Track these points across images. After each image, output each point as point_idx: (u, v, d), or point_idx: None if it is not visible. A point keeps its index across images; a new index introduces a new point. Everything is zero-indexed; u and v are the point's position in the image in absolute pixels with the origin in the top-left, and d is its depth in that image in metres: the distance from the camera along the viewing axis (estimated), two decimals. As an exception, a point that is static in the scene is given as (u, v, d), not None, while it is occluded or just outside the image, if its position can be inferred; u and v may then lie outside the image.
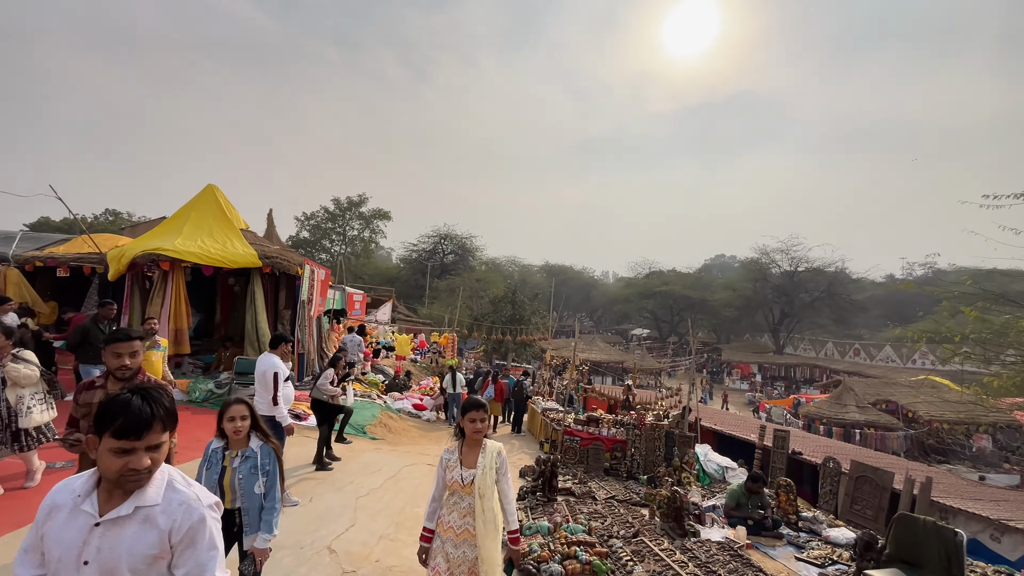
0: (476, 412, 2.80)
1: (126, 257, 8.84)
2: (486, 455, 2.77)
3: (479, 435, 2.79)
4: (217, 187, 10.57)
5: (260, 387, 4.91)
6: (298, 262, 10.59)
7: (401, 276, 46.67)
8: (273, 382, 4.92)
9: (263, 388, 4.90)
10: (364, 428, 8.84)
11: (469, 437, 2.81)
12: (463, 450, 2.81)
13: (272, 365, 4.95)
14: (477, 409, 2.80)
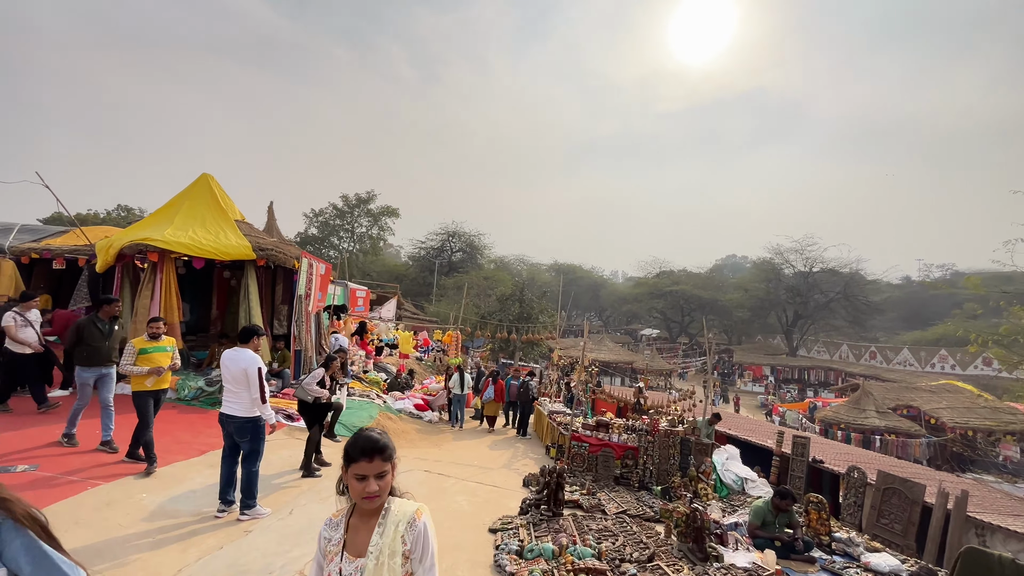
0: (367, 462, 1.67)
1: (114, 248, 8.46)
2: (385, 532, 1.67)
3: (371, 502, 1.68)
4: (212, 176, 10.16)
5: (238, 386, 4.44)
6: (295, 255, 10.16)
7: (409, 273, 46.37)
8: (259, 379, 4.46)
9: (243, 387, 4.44)
10: (359, 429, 8.37)
11: (359, 505, 1.74)
12: (351, 523, 1.76)
13: (254, 360, 4.49)
14: (369, 457, 1.67)
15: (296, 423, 7.87)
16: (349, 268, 40.32)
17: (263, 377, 4.52)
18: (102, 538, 3.72)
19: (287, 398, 8.94)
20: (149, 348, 5.18)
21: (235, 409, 4.44)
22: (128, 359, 5.06)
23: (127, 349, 5.15)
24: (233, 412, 4.44)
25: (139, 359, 5.08)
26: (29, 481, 4.60)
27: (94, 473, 4.95)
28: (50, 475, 4.78)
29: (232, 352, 4.56)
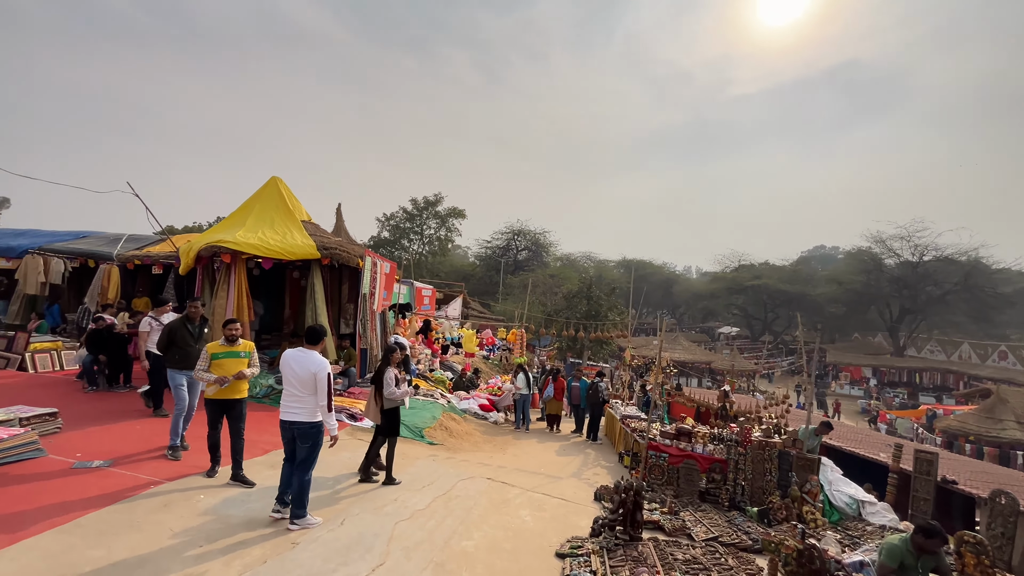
0: None
1: (193, 251, 8.84)
2: None
3: None
4: (280, 179, 10.42)
5: (304, 389, 4.16)
6: (359, 253, 10.15)
7: (476, 273, 46.81)
8: (328, 385, 4.18)
9: (310, 391, 4.16)
10: (422, 431, 8.10)
11: None
12: None
13: (324, 365, 4.20)
14: None
15: (359, 423, 7.73)
16: (418, 269, 41.37)
17: (332, 383, 4.23)
18: (152, 546, 3.58)
19: (352, 396, 8.89)
20: (221, 354, 4.88)
21: (299, 414, 4.17)
22: (202, 364, 4.87)
23: (202, 354, 4.96)
24: (297, 418, 4.16)
25: (211, 365, 4.84)
26: (100, 477, 4.66)
27: (161, 470, 4.96)
28: (120, 472, 4.83)
29: (298, 353, 4.26)
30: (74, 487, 4.38)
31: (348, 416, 7.84)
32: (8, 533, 3.50)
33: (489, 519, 5.02)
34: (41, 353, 10.17)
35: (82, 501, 4.13)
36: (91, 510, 3.98)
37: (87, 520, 3.81)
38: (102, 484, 4.51)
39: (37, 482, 4.41)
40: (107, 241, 14.51)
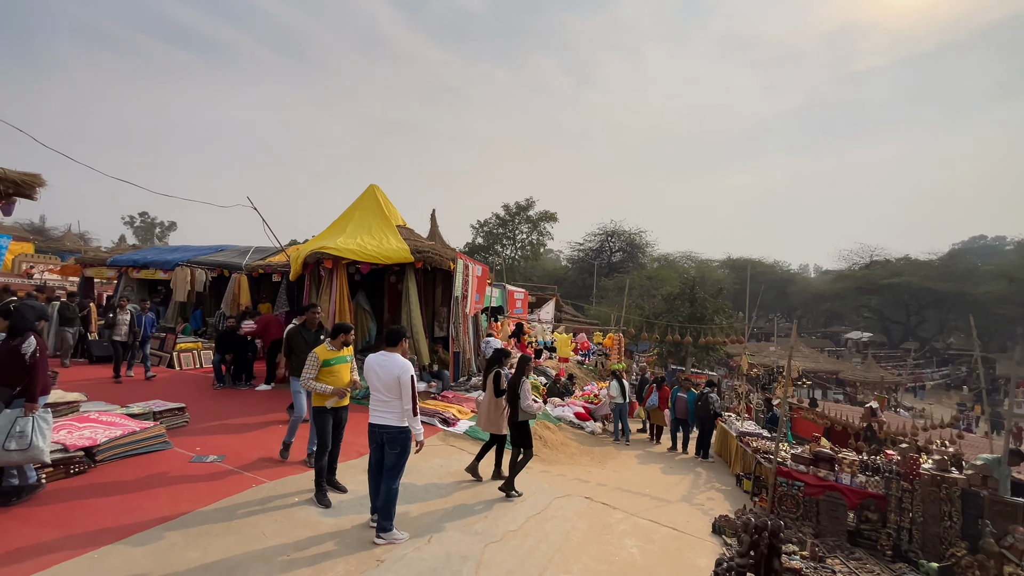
0: None
1: (300, 258, 9.38)
2: None
3: None
4: (378, 187, 10.77)
5: (390, 393, 3.95)
6: (451, 256, 10.12)
7: (569, 276, 46.16)
8: (411, 387, 3.94)
9: (395, 395, 3.94)
10: (515, 440, 7.70)
11: None
12: None
13: (406, 367, 3.96)
14: None
15: (452, 428, 7.55)
16: (511, 274, 41.79)
17: (415, 385, 3.98)
18: (244, 549, 3.54)
19: (445, 400, 8.80)
20: (333, 360, 4.49)
21: (387, 418, 3.96)
22: (310, 371, 4.39)
23: (310, 360, 4.43)
24: (386, 422, 3.95)
25: (322, 373, 4.42)
26: (210, 472, 4.86)
27: (265, 469, 5.08)
28: (229, 468, 5.02)
29: (380, 357, 4.06)
30: (187, 481, 4.59)
31: (441, 421, 7.70)
32: (123, 525, 3.66)
33: (589, 548, 4.43)
34: (185, 352, 11.51)
35: (191, 496, 4.28)
36: (197, 506, 4.10)
37: (192, 517, 3.91)
38: (212, 479, 4.69)
39: (158, 474, 4.69)
40: (238, 253, 16.24)
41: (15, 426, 3.75)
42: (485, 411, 5.95)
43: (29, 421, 3.82)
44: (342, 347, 4.65)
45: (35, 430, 3.83)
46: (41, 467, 4.27)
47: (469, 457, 6.49)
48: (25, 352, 3.88)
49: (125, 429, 5.11)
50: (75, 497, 4.07)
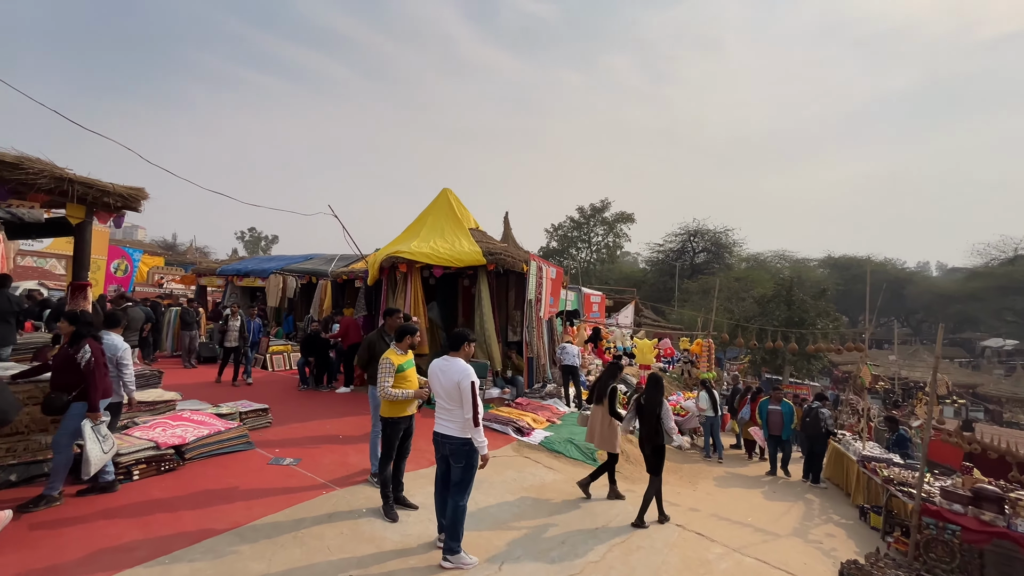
0: None
1: (376, 263, 9.52)
2: None
3: None
4: (450, 190, 10.72)
5: (452, 402, 3.64)
6: (523, 258, 9.78)
7: (648, 279, 44.17)
8: (472, 395, 3.58)
9: (457, 404, 3.62)
10: (594, 452, 7.13)
11: None
12: None
13: (466, 372, 3.62)
14: None
15: (526, 438, 7.14)
16: (586, 277, 40.81)
17: (476, 392, 3.63)
18: (306, 561, 3.38)
19: (520, 408, 8.43)
20: (406, 364, 4.17)
21: (451, 428, 3.65)
22: (386, 378, 4.00)
23: (383, 365, 4.05)
24: (449, 431, 3.64)
25: (396, 379, 4.08)
26: (286, 476, 4.85)
27: (336, 474, 4.99)
28: (303, 472, 4.99)
29: (443, 362, 3.77)
30: (263, 484, 4.59)
31: (515, 430, 7.32)
32: (198, 530, 3.66)
33: (685, 589, 3.78)
34: (276, 355, 12.23)
35: (264, 501, 4.25)
36: (268, 512, 4.04)
37: (261, 524, 3.84)
38: (286, 484, 4.66)
39: (238, 475, 4.75)
40: (325, 261, 17.17)
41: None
42: (597, 428, 5.78)
43: (87, 428, 3.83)
44: (408, 350, 4.42)
45: (96, 439, 3.86)
46: (135, 463, 4.47)
47: (544, 471, 6.05)
48: (80, 360, 3.90)
49: (212, 429, 5.29)
50: (161, 495, 4.19)
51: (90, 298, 5.85)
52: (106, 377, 4.14)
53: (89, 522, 3.64)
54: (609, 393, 5.72)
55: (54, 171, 5.17)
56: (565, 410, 8.92)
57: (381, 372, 4.13)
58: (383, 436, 4.29)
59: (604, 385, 5.82)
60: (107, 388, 4.14)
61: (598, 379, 6.10)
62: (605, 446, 5.77)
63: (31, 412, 4.19)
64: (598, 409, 5.86)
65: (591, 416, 5.98)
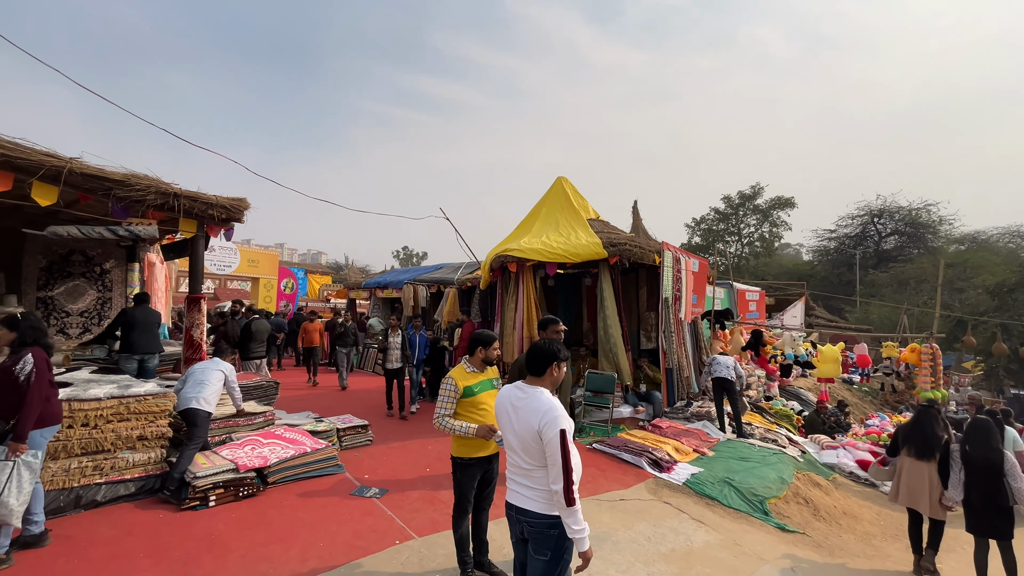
0: None
1: (486, 264, 8.73)
2: None
3: None
4: (566, 179, 9.51)
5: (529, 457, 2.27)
6: (654, 248, 8.11)
7: (816, 272, 37.33)
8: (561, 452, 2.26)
9: (537, 459, 2.25)
10: (764, 502, 5.20)
11: None
12: None
13: (553, 415, 2.13)
14: None
15: (666, 474, 5.51)
16: (737, 274, 35.89)
17: (568, 447, 2.22)
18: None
19: (658, 431, 6.79)
20: (476, 386, 3.13)
21: (528, 498, 2.28)
22: (446, 405, 3.06)
23: (446, 387, 3.10)
24: (525, 504, 2.29)
25: (461, 405, 3.08)
26: (362, 513, 4.09)
27: (420, 516, 4.11)
28: (382, 508, 4.20)
29: (515, 393, 2.40)
30: (333, 523, 3.88)
31: (650, 462, 5.75)
32: None
33: None
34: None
35: (327, 547, 3.50)
36: (325, 566, 3.26)
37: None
38: (358, 524, 3.89)
39: (310, 508, 4.13)
40: (452, 269, 17.30)
41: None
42: (926, 490, 4.45)
43: (7, 466, 2.96)
44: (484, 367, 3.29)
45: (10, 479, 2.93)
46: (212, 487, 4.10)
47: (693, 527, 4.41)
48: (19, 373, 3.12)
49: (299, 450, 4.83)
50: (222, 528, 3.70)
51: (204, 310, 5.97)
52: (49, 400, 3.28)
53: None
54: (944, 447, 4.48)
55: (160, 186, 5.25)
56: (719, 436, 7.00)
57: (440, 395, 3.10)
58: (454, 482, 3.21)
59: (934, 436, 4.55)
60: (49, 412, 3.29)
61: (919, 424, 4.73)
62: (936, 514, 4.45)
63: (116, 429, 4.05)
64: (924, 466, 4.51)
65: (909, 473, 4.61)
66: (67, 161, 4.62)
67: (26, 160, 4.38)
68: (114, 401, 4.03)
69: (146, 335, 5.92)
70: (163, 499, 4.08)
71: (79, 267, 7.31)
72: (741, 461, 6.08)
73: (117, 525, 3.67)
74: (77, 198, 5.03)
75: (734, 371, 7.20)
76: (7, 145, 4.29)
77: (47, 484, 3.67)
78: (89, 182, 4.81)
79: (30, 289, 6.93)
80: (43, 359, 3.21)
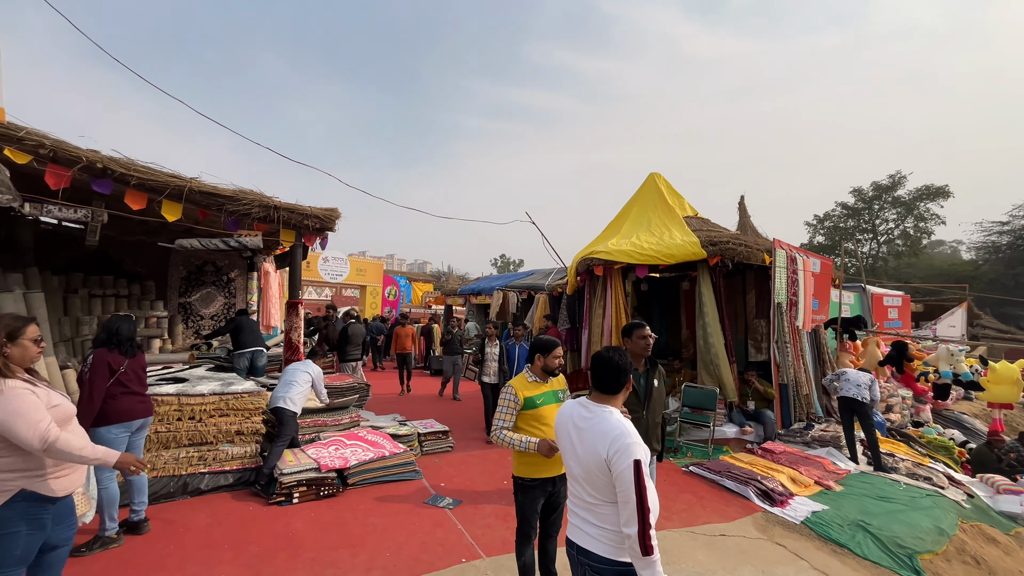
0: None
1: (571, 269, 8.36)
2: None
3: None
4: (659, 174, 8.82)
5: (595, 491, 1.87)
6: (764, 247, 7.14)
7: (981, 274, 31.09)
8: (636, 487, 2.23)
9: (603, 495, 1.87)
10: (914, 556, 4.16)
11: None
12: None
13: (625, 442, 1.79)
14: None
15: (779, 509, 4.69)
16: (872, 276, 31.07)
17: (644, 482, 1.79)
18: None
19: (770, 456, 5.88)
20: (538, 397, 2.84)
21: (591, 536, 1.91)
22: (505, 418, 2.80)
23: (506, 397, 2.85)
24: (588, 544, 1.92)
25: (521, 418, 2.80)
26: (431, 524, 3.96)
27: (491, 532, 3.88)
28: (452, 520, 4.04)
29: (579, 411, 2.04)
30: (402, 532, 3.79)
31: (759, 494, 4.95)
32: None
33: None
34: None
35: (392, 557, 3.40)
36: (386, 580, 3.15)
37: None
38: (427, 536, 3.75)
39: (384, 514, 4.10)
40: (543, 275, 17.11)
41: None
42: None
43: None
44: (547, 376, 2.96)
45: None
46: (296, 485, 4.26)
47: (812, 582, 3.63)
48: (84, 372, 3.37)
49: (378, 453, 4.88)
50: (300, 527, 3.78)
51: (301, 314, 6.38)
52: (114, 397, 3.38)
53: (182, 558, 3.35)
54: None
55: (262, 199, 5.70)
56: (849, 468, 5.87)
57: (499, 405, 2.85)
58: (516, 505, 2.92)
59: None
60: (114, 409, 3.38)
61: None
62: None
63: (217, 423, 4.38)
64: None
65: None
66: (188, 181, 5.19)
67: (155, 181, 4.98)
68: (215, 397, 4.37)
69: (252, 335, 6.54)
70: (255, 492, 4.33)
71: (210, 276, 8.31)
72: (880, 501, 5.00)
73: (213, 514, 3.93)
74: (198, 214, 5.64)
75: (868, 391, 6.00)
76: (140, 169, 4.92)
77: (160, 471, 4.06)
78: (206, 199, 5.36)
79: (173, 296, 8.01)
80: (103, 360, 3.39)
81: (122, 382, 3.45)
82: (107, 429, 3.36)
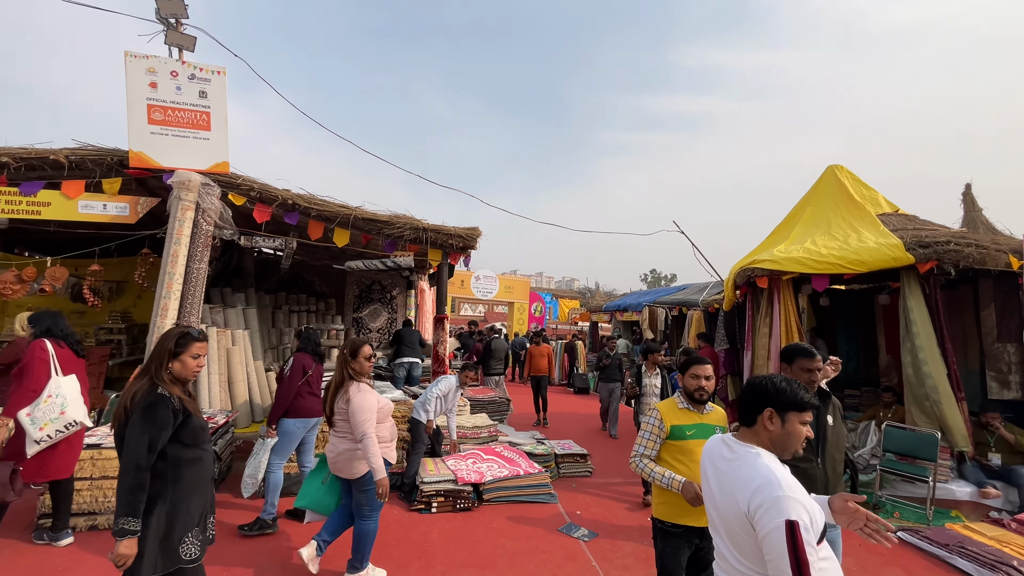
0: None
1: (730, 280, 7.37)
2: None
3: None
4: (841, 167, 7.32)
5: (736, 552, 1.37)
6: (1006, 247, 5.35)
7: None
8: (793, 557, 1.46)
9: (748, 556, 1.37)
10: None
11: None
12: None
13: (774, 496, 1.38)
14: None
15: None
16: None
17: (805, 553, 1.25)
18: None
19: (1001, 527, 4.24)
20: (688, 428, 2.45)
21: None
22: (647, 442, 2.47)
23: (650, 421, 2.50)
24: None
25: (667, 449, 2.45)
26: (562, 556, 3.68)
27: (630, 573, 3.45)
28: (586, 555, 3.70)
29: (720, 450, 1.61)
30: (531, 561, 3.58)
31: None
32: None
33: None
34: (641, 391, 11.51)
35: (517, 590, 3.21)
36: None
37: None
38: (556, 571, 3.49)
39: (515, 537, 3.95)
40: (697, 290, 15.69)
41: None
42: None
43: (262, 446, 3.95)
44: (699, 406, 2.50)
45: (254, 455, 3.95)
46: (435, 495, 4.38)
47: None
48: (283, 372, 4.01)
49: (513, 471, 4.80)
50: (434, 540, 3.84)
51: (447, 328, 6.74)
52: (301, 395, 3.96)
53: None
54: None
55: (413, 222, 6.21)
56: None
57: (641, 429, 2.53)
58: (655, 552, 2.48)
59: None
60: (300, 406, 3.96)
61: None
62: None
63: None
64: None
65: None
66: (353, 209, 5.91)
67: (329, 211, 5.77)
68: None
69: (410, 348, 7.11)
70: (400, 497, 4.58)
71: (376, 294, 9.39)
72: None
73: (362, 514, 4.24)
74: (362, 239, 6.39)
75: None
76: (318, 202, 5.75)
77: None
78: (367, 224, 6.03)
79: (348, 312, 9.23)
80: (300, 364, 3.99)
81: (309, 383, 4.07)
82: (291, 421, 3.99)
